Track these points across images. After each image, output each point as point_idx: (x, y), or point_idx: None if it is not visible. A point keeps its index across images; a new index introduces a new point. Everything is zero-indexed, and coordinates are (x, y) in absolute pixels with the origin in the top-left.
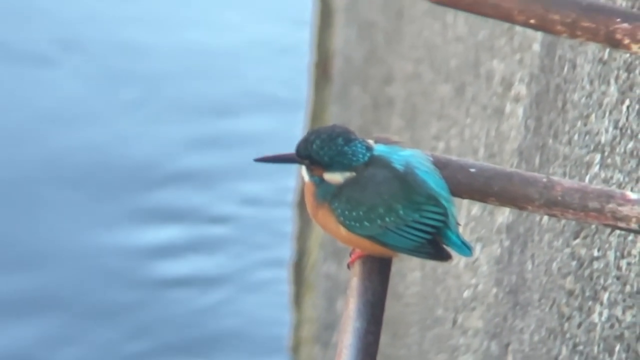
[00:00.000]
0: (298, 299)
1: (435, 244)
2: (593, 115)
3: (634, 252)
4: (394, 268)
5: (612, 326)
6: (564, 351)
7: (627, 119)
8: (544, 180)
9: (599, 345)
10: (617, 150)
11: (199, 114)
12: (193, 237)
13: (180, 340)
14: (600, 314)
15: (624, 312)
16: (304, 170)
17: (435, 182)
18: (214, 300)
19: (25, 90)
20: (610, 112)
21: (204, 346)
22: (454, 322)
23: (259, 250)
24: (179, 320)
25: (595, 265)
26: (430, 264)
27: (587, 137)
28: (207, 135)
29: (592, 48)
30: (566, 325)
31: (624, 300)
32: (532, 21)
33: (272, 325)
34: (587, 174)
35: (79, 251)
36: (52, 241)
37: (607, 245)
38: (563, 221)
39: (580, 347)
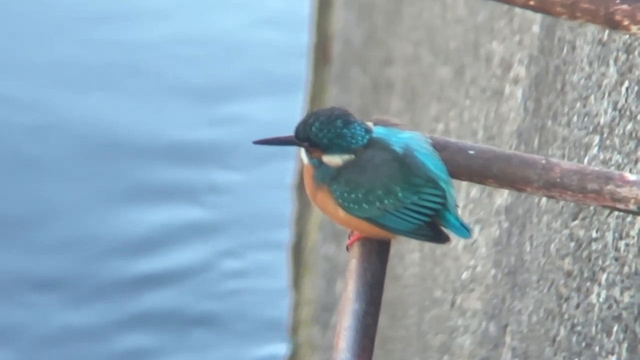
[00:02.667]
0: (297, 280)
1: (434, 226)
2: (592, 97)
3: (632, 233)
4: (393, 250)
5: (610, 307)
6: (562, 332)
7: (626, 100)
8: (543, 162)
9: (596, 326)
10: (616, 131)
11: (198, 96)
12: (188, 221)
13: (178, 323)
14: (599, 294)
15: (622, 293)
16: (303, 152)
17: (434, 165)
18: (211, 282)
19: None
20: (609, 94)
21: (202, 328)
22: (453, 303)
23: (257, 232)
24: (176, 302)
25: (594, 246)
26: (429, 245)
27: (586, 119)
28: (205, 117)
29: (591, 29)
30: (564, 306)
31: (622, 281)
32: (531, 3)
33: (270, 307)
34: (585, 155)
35: (76, 232)
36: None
37: (605, 227)
38: (562, 203)
39: (579, 328)
